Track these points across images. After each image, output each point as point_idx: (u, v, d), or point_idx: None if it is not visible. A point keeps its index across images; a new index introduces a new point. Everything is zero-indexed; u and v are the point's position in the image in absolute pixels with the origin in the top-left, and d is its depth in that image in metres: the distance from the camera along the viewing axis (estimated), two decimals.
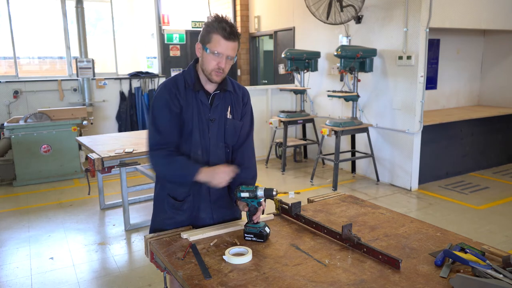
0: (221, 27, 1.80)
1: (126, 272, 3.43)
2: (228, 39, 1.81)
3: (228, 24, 1.82)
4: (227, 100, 1.98)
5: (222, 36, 1.80)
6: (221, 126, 1.97)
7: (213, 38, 1.82)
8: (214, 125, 1.95)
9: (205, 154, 1.96)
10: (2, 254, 3.77)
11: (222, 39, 1.81)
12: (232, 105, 2.00)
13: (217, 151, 1.98)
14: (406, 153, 5.39)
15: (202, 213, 2.01)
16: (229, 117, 1.98)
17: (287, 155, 6.84)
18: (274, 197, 1.81)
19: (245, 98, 2.06)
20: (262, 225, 1.80)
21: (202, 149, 1.95)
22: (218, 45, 1.82)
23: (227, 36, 1.81)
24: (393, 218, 2.04)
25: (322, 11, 5.69)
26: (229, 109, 1.99)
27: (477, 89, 6.96)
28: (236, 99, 2.01)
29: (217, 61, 1.84)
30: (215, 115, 1.95)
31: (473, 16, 5.47)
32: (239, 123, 2.02)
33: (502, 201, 4.98)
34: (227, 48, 1.83)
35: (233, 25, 1.84)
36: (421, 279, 1.46)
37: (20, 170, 5.76)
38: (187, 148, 1.94)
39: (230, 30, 1.81)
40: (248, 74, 8.96)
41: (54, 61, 7.97)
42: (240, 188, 1.84)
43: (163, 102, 1.89)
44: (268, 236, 1.81)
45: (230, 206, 2.07)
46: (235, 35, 1.83)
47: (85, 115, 6.32)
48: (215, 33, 1.81)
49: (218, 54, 1.83)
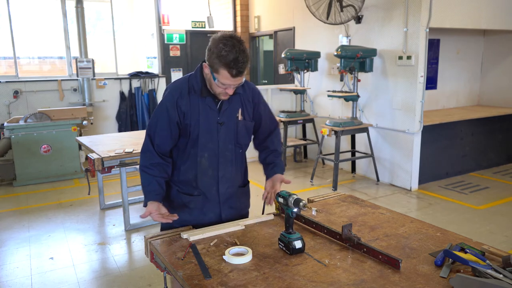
0: (229, 66, 1.75)
1: (126, 272, 3.43)
2: (236, 76, 1.79)
3: (237, 63, 1.74)
4: (237, 102, 1.98)
5: (230, 74, 1.77)
6: (232, 128, 1.98)
7: (221, 72, 1.77)
8: (224, 128, 1.95)
9: (213, 157, 1.97)
10: (2, 254, 3.77)
11: (230, 76, 1.78)
12: (243, 107, 2.00)
13: (225, 153, 1.99)
14: (406, 153, 5.39)
15: (210, 213, 2.04)
16: (240, 118, 1.99)
17: (287, 155, 6.84)
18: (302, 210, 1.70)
19: (255, 98, 2.06)
20: (294, 237, 1.67)
21: (209, 152, 1.96)
22: (226, 80, 1.79)
23: (235, 75, 1.78)
24: (393, 218, 2.04)
25: (322, 11, 5.69)
26: (240, 111, 1.99)
27: (477, 89, 6.95)
28: (247, 100, 2.02)
29: (224, 88, 1.84)
30: (224, 119, 1.95)
31: (473, 16, 5.47)
32: (250, 124, 2.04)
33: (502, 201, 4.98)
34: (235, 81, 1.82)
35: (241, 60, 1.76)
36: (421, 279, 1.46)
37: (20, 170, 5.76)
38: (193, 151, 1.96)
39: (237, 71, 1.76)
40: (248, 74, 8.96)
41: (54, 61, 7.96)
42: (279, 193, 1.81)
43: (163, 109, 1.93)
44: (300, 251, 1.66)
45: (239, 206, 2.12)
46: (242, 72, 1.79)
47: (85, 115, 6.32)
48: (222, 68, 1.76)
49: (225, 85, 1.82)
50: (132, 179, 5.63)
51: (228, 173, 2.02)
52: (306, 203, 1.70)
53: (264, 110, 2.10)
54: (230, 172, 2.03)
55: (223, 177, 2.01)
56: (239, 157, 2.05)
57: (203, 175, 1.99)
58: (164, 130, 1.93)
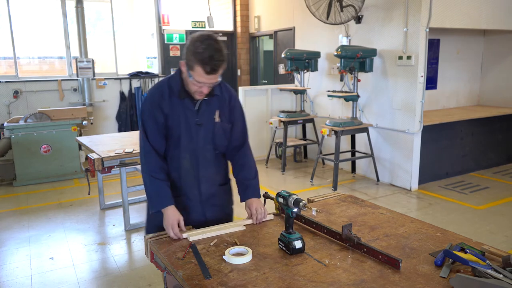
0: (204, 63, 1.77)
1: (126, 272, 3.43)
2: (210, 73, 1.81)
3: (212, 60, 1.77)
4: (215, 104, 2.01)
5: (204, 71, 1.79)
6: (210, 129, 2.01)
7: (195, 69, 1.81)
8: (202, 129, 1.99)
9: (193, 158, 2.01)
10: (2, 254, 3.77)
11: (204, 73, 1.80)
12: (220, 109, 2.03)
13: (205, 153, 2.03)
14: (406, 153, 5.39)
15: (193, 212, 2.06)
16: (217, 120, 2.02)
17: (287, 155, 6.84)
18: (302, 210, 1.70)
19: (232, 101, 2.07)
20: (294, 237, 1.67)
21: (190, 152, 2.01)
22: (200, 77, 1.82)
23: (209, 72, 1.80)
24: (393, 218, 2.04)
25: (322, 11, 5.69)
26: (217, 113, 2.02)
27: (477, 89, 6.95)
28: (224, 102, 2.04)
29: (199, 86, 1.87)
30: (202, 120, 1.99)
31: (473, 16, 5.47)
32: (227, 126, 2.06)
33: (502, 201, 4.98)
34: (209, 79, 1.84)
35: (216, 57, 1.78)
36: (421, 279, 1.46)
37: (20, 170, 5.76)
38: (176, 153, 2.01)
39: (211, 68, 1.78)
40: (248, 74, 8.96)
41: (54, 61, 7.96)
42: (279, 193, 1.81)
43: (148, 113, 1.97)
44: (300, 251, 1.67)
45: (221, 203, 2.15)
46: (216, 69, 1.81)
47: (85, 115, 6.32)
48: (197, 65, 1.79)
49: (200, 83, 1.85)
50: (132, 179, 5.63)
51: (209, 173, 2.07)
52: (306, 203, 1.70)
53: (239, 117, 2.11)
54: (211, 172, 2.07)
55: (203, 177, 2.05)
56: (218, 158, 2.09)
57: (186, 176, 2.03)
58: (156, 134, 1.97)
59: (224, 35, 8.76)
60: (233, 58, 8.93)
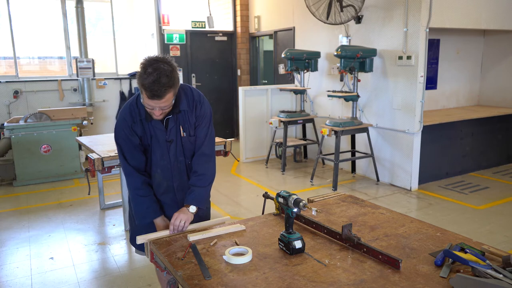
0: (145, 88, 1.78)
1: (126, 272, 3.43)
2: (153, 98, 1.82)
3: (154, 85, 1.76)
4: (181, 120, 2.07)
5: (147, 96, 1.82)
6: (179, 144, 2.10)
7: (142, 93, 1.84)
8: (173, 145, 2.08)
9: (166, 171, 2.12)
10: (2, 254, 3.77)
11: (147, 98, 1.83)
12: (184, 124, 2.07)
13: (177, 165, 2.14)
14: (406, 153, 5.39)
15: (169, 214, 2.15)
16: (183, 135, 2.09)
17: (287, 155, 6.84)
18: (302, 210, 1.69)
19: (197, 110, 2.09)
20: (294, 237, 1.68)
21: (162, 168, 2.11)
22: (146, 101, 1.85)
23: (151, 97, 1.81)
24: (393, 218, 2.04)
25: (322, 11, 5.69)
26: (181, 128, 2.08)
27: (477, 89, 6.95)
28: (189, 116, 2.08)
29: (150, 109, 1.90)
30: (172, 136, 2.07)
31: (473, 16, 5.47)
32: (193, 138, 2.13)
33: (502, 201, 4.98)
34: (157, 104, 1.85)
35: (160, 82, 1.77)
36: (421, 279, 1.46)
37: (20, 170, 5.76)
38: (148, 168, 2.13)
39: (152, 94, 1.79)
40: (248, 74, 8.96)
41: (54, 61, 7.96)
42: (279, 193, 1.81)
43: (124, 136, 2.04)
44: (300, 251, 1.67)
45: None
46: (160, 95, 1.80)
47: (85, 115, 6.31)
48: (142, 89, 1.82)
49: (150, 105, 1.87)
50: None
51: (183, 182, 2.18)
52: (306, 203, 1.70)
53: (203, 128, 2.11)
54: (185, 181, 2.18)
55: (178, 186, 2.18)
56: (190, 166, 2.17)
57: (159, 187, 2.16)
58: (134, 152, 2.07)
59: (224, 35, 8.77)
60: (233, 58, 8.93)
